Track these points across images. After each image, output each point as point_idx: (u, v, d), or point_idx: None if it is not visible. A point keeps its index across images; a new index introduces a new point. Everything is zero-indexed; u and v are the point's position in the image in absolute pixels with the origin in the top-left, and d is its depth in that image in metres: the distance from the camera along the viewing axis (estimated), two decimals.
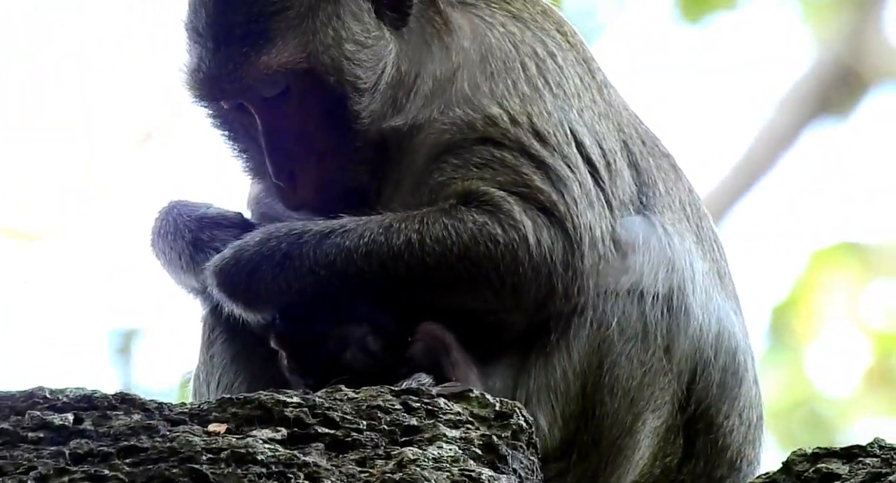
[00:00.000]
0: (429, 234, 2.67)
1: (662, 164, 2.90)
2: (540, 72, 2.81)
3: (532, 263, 2.69)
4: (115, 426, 2.48)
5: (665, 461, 2.82)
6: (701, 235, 2.89)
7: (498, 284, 2.68)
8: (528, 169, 2.74)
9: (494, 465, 2.51)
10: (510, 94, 2.77)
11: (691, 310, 2.79)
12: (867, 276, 7.52)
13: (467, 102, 2.78)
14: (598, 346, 2.76)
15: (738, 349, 2.85)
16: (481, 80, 2.78)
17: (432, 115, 2.77)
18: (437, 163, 2.76)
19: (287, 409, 2.50)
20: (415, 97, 2.79)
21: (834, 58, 7.52)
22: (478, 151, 2.74)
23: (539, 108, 2.77)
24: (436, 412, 2.53)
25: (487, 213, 2.70)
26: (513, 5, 2.88)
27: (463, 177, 2.74)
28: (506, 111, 2.76)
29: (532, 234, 2.69)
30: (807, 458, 2.54)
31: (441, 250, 2.66)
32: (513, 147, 2.75)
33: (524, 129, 2.76)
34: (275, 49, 2.75)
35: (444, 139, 2.77)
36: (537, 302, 2.71)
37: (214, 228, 2.77)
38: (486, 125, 2.76)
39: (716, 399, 2.83)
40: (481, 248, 2.67)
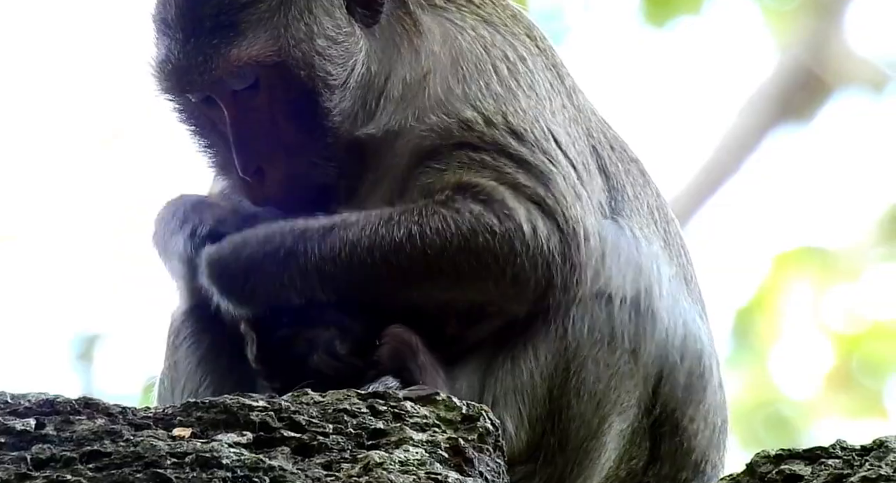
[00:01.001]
0: (428, 225, 2.67)
1: (631, 168, 2.90)
2: (511, 74, 2.81)
3: (530, 253, 2.68)
4: (78, 431, 2.46)
5: (630, 464, 2.82)
6: (668, 240, 2.89)
7: (498, 274, 2.67)
8: (510, 168, 2.74)
9: (461, 469, 2.51)
10: (483, 95, 2.77)
11: (658, 313, 2.79)
12: (829, 279, 7.58)
13: (441, 107, 2.77)
14: (564, 349, 2.76)
15: (704, 353, 2.86)
16: (454, 83, 2.78)
17: (408, 122, 2.77)
18: (419, 167, 2.75)
19: (253, 413, 2.49)
20: (386, 102, 2.78)
21: (796, 63, 7.57)
22: (457, 157, 2.74)
23: (513, 107, 2.77)
24: (402, 415, 2.52)
25: (482, 202, 2.70)
26: (483, 9, 2.88)
27: (452, 174, 2.73)
28: (480, 113, 2.75)
29: (527, 223, 2.70)
30: (770, 460, 2.55)
31: (441, 242, 2.65)
32: (490, 149, 2.75)
33: (500, 130, 2.75)
34: (245, 42, 2.73)
35: (425, 145, 2.76)
36: (537, 293, 2.70)
37: (208, 209, 2.75)
38: (461, 130, 2.75)
39: (681, 402, 2.83)
40: (479, 238, 2.67)
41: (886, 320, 7.56)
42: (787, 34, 7.66)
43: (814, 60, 7.55)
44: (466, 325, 2.72)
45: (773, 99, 7.51)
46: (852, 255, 7.64)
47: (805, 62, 7.56)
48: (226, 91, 2.79)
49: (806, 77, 7.55)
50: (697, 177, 7.42)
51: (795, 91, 7.54)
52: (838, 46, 7.62)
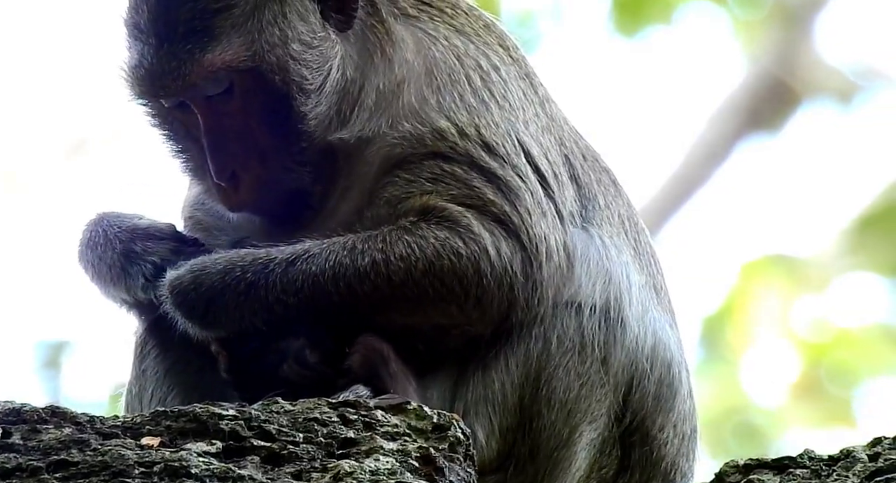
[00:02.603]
0: (392, 252, 2.66)
1: (602, 178, 2.91)
2: (485, 84, 2.81)
3: (494, 274, 2.69)
4: (45, 440, 2.44)
5: (601, 473, 2.82)
6: (638, 249, 2.90)
7: (462, 297, 2.68)
8: (479, 182, 2.74)
9: (432, 478, 2.50)
10: (457, 106, 2.77)
11: (627, 322, 2.79)
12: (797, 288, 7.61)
13: (415, 116, 2.76)
14: (535, 358, 2.76)
15: (673, 362, 2.86)
16: (428, 93, 2.78)
17: (381, 129, 2.76)
18: (389, 176, 2.75)
19: (223, 422, 2.47)
20: (359, 110, 2.77)
21: (765, 72, 7.61)
22: (428, 167, 2.74)
23: (487, 120, 2.77)
24: (373, 424, 2.51)
25: (447, 228, 2.70)
26: (456, 20, 2.87)
27: (418, 191, 2.73)
28: (454, 124, 2.75)
29: (492, 246, 2.70)
30: (739, 470, 2.55)
31: (406, 267, 2.66)
32: (462, 160, 2.75)
33: (473, 141, 2.76)
34: (219, 47, 2.72)
35: (396, 153, 2.76)
36: (500, 313, 2.71)
37: (147, 240, 2.73)
38: (435, 139, 2.75)
39: (651, 411, 2.84)
40: (444, 261, 2.67)
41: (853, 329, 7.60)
42: (755, 44, 7.70)
43: (783, 70, 7.60)
44: (431, 344, 2.72)
45: (742, 109, 7.54)
46: (820, 264, 7.68)
47: (774, 72, 7.60)
48: (199, 96, 2.77)
49: (775, 87, 7.59)
50: (667, 186, 7.44)
51: (764, 101, 7.57)
52: (807, 56, 7.66)
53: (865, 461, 2.50)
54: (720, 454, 6.90)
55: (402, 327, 2.69)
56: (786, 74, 7.60)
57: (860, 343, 7.56)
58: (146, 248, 2.72)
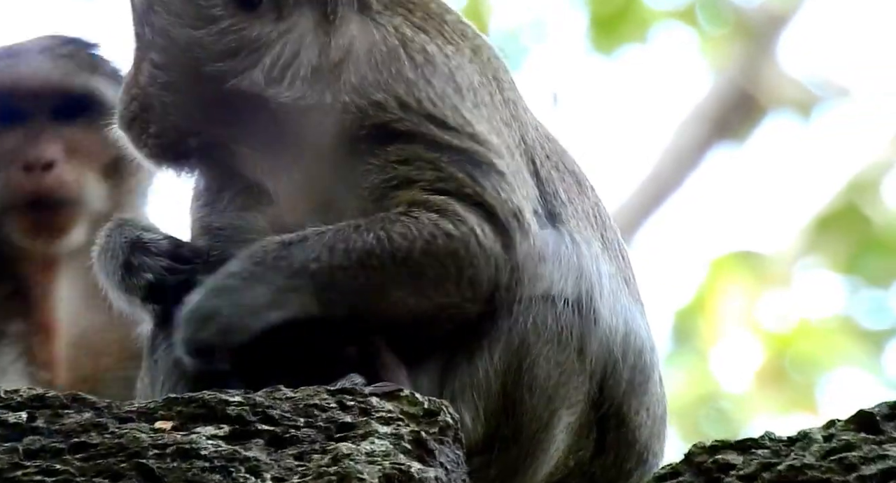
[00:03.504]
0: (393, 230, 2.64)
1: (566, 178, 2.88)
2: (428, 62, 2.74)
3: (483, 254, 2.67)
4: (66, 424, 2.44)
5: (579, 454, 2.83)
6: (606, 243, 2.88)
7: (457, 277, 2.66)
8: (445, 161, 2.70)
9: (423, 459, 2.51)
10: (395, 80, 2.69)
11: (600, 313, 2.79)
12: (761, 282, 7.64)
13: (355, 91, 2.70)
14: (517, 348, 2.75)
15: (645, 348, 2.85)
16: (366, 70, 2.71)
17: (324, 100, 2.69)
18: (355, 160, 2.70)
19: (229, 408, 2.48)
20: (293, 76, 2.69)
21: (731, 85, 7.62)
22: (394, 151, 2.68)
23: (428, 94, 2.71)
24: (369, 410, 2.52)
25: (436, 213, 2.68)
26: (415, 17, 2.79)
27: (396, 178, 2.68)
28: (392, 96, 2.69)
29: (478, 227, 2.68)
30: (706, 450, 2.57)
31: (407, 245, 2.63)
32: (418, 138, 2.69)
33: (417, 114, 2.70)
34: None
35: (345, 126, 2.69)
36: (488, 292, 2.69)
37: (144, 255, 2.71)
38: (377, 111, 2.69)
39: (626, 396, 2.83)
40: (440, 241, 2.65)
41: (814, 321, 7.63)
42: (722, 58, 7.72)
43: (748, 82, 7.62)
44: (429, 327, 2.70)
45: (710, 119, 7.56)
46: (782, 260, 7.71)
47: (739, 84, 7.62)
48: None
49: (740, 98, 7.61)
50: (640, 191, 7.46)
51: (731, 111, 7.59)
52: (770, 70, 7.68)
53: (821, 442, 2.52)
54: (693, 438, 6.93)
55: (405, 311, 2.65)
56: (750, 86, 7.62)
57: (820, 334, 7.59)
58: (142, 262, 2.70)
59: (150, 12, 2.73)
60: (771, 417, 7.30)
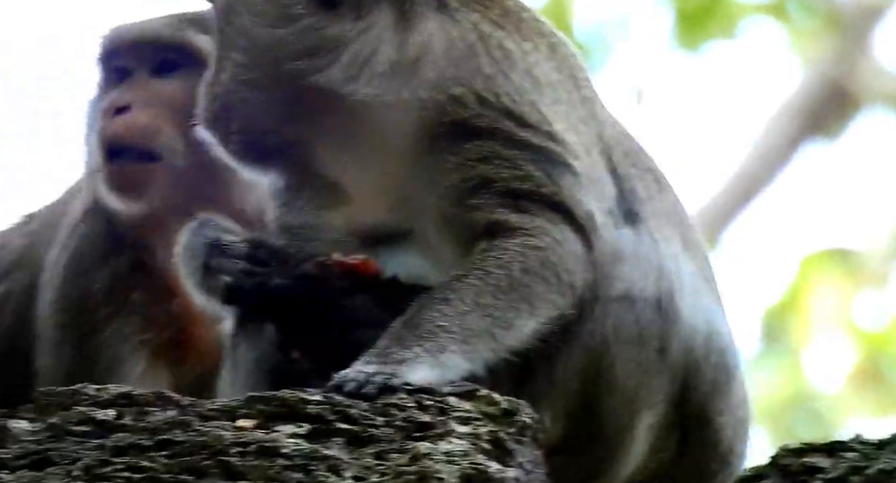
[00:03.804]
0: (487, 265, 2.64)
1: (644, 176, 2.85)
2: (507, 58, 2.73)
3: (569, 255, 2.68)
4: (152, 421, 2.49)
5: (660, 456, 2.81)
6: (686, 242, 2.85)
7: (558, 285, 2.67)
8: (522, 159, 2.70)
9: (501, 459, 2.50)
10: (473, 76, 2.69)
11: (681, 312, 2.76)
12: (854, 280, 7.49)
13: (433, 87, 2.70)
14: (596, 347, 2.74)
15: (727, 348, 2.82)
16: (444, 65, 2.70)
17: (402, 97, 2.70)
18: (433, 156, 2.70)
19: (309, 406, 2.50)
20: (370, 73, 2.70)
21: (823, 79, 7.48)
22: (474, 148, 2.67)
23: (506, 89, 2.70)
24: (447, 410, 2.52)
25: (517, 232, 2.68)
26: (493, 13, 2.78)
27: (476, 175, 2.66)
28: (471, 91, 2.69)
29: (558, 233, 2.68)
30: (793, 453, 2.53)
31: (505, 272, 2.64)
32: (497, 134, 2.69)
33: (495, 110, 2.70)
34: None
35: (426, 123, 2.69)
36: (579, 294, 2.70)
37: (221, 256, 2.73)
38: (454, 107, 2.69)
39: (709, 397, 2.81)
40: (531, 256, 2.65)
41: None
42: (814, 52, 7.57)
43: (841, 77, 7.46)
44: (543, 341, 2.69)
45: (802, 114, 7.43)
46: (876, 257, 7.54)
47: (832, 78, 7.47)
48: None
49: (834, 93, 7.46)
50: (730, 187, 7.36)
51: (823, 106, 7.45)
52: (865, 63, 7.52)
53: None
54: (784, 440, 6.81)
55: (527, 336, 2.65)
56: (843, 81, 7.47)
57: None
58: (220, 264, 2.72)
59: (232, 12, 2.76)
60: (865, 419, 7.15)
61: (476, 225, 2.70)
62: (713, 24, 7.37)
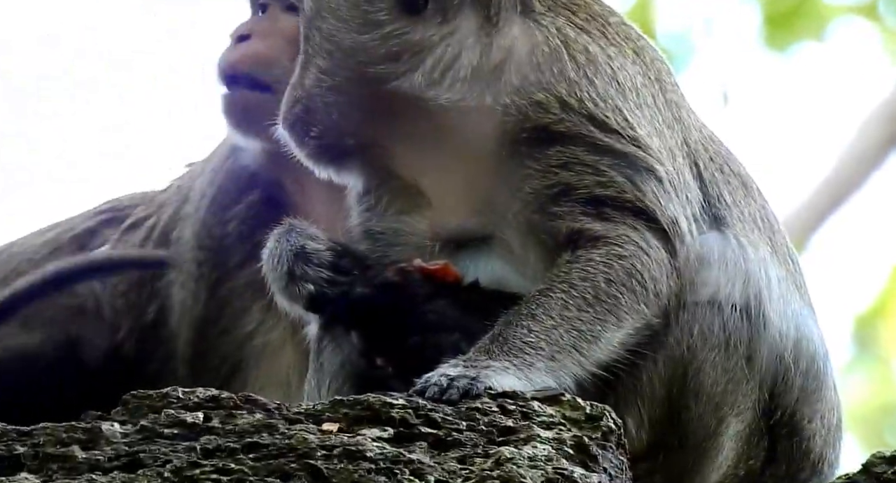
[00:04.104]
0: (572, 278, 2.64)
1: (731, 180, 2.81)
2: (590, 62, 2.71)
3: (653, 262, 2.66)
4: (239, 424, 2.52)
5: (749, 464, 2.76)
6: (775, 247, 2.81)
7: (644, 294, 2.65)
8: (606, 164, 2.68)
9: (586, 465, 2.49)
10: (556, 80, 2.68)
11: (769, 318, 2.72)
12: None
13: (516, 92, 2.69)
14: (682, 354, 2.71)
15: (818, 354, 2.77)
16: (527, 70, 2.70)
17: (484, 102, 2.70)
18: (514, 163, 2.69)
19: (393, 410, 2.51)
20: (453, 77, 2.70)
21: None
22: (554, 154, 2.66)
23: (590, 94, 2.69)
24: (530, 414, 2.52)
25: (602, 243, 2.67)
26: (578, 18, 2.78)
27: (559, 185, 2.65)
28: (553, 95, 2.68)
29: (641, 240, 2.67)
30: (885, 460, 2.48)
31: (590, 284, 2.63)
32: (579, 140, 2.68)
33: (578, 114, 2.68)
34: None
35: (507, 128, 2.69)
36: (666, 299, 2.68)
37: (306, 264, 2.75)
38: (537, 112, 2.69)
39: (798, 403, 2.76)
40: (616, 266, 2.64)
41: None
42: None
43: None
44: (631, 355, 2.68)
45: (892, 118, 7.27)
46: None
47: None
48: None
49: None
50: (819, 192, 7.23)
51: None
52: None
53: None
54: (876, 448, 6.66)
55: (614, 348, 2.63)
56: None
57: None
58: (304, 272, 2.74)
59: (317, 17, 2.79)
60: None
61: (559, 233, 2.69)
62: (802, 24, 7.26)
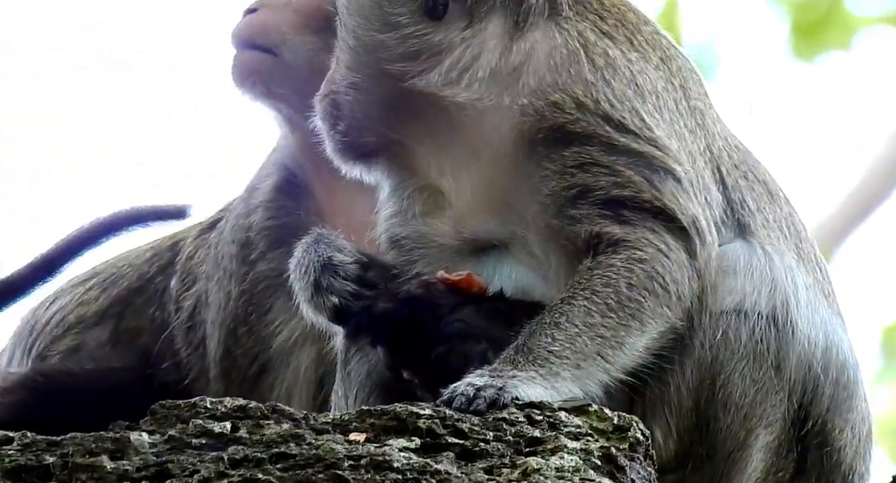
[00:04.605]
0: (593, 286, 2.63)
1: (756, 187, 2.79)
2: (609, 65, 2.71)
3: (674, 264, 2.65)
4: (267, 434, 2.52)
5: (778, 475, 2.74)
6: (801, 255, 2.78)
7: (666, 297, 2.64)
8: (622, 164, 2.67)
9: (613, 475, 2.48)
10: (573, 81, 2.68)
11: (797, 325, 2.70)
12: None
13: (533, 93, 2.69)
14: (710, 363, 2.69)
15: (847, 363, 2.74)
16: (545, 71, 2.69)
17: (502, 103, 2.70)
18: (532, 164, 2.68)
19: (420, 421, 2.51)
20: (471, 77, 2.71)
21: None
22: (571, 155, 2.65)
23: (606, 95, 2.69)
24: (557, 425, 2.51)
25: (621, 248, 2.66)
26: (606, 24, 2.77)
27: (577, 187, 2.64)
28: (569, 96, 2.68)
29: (661, 243, 2.65)
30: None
31: (612, 289, 2.62)
32: (595, 140, 2.67)
33: (593, 114, 2.67)
34: None
35: (524, 128, 2.68)
36: (689, 302, 2.66)
37: (332, 276, 2.76)
38: (553, 112, 2.68)
39: (828, 414, 2.73)
40: (636, 270, 2.63)
41: None
42: None
43: None
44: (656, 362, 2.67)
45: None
46: None
47: None
48: None
49: None
50: (847, 202, 7.18)
51: None
52: None
53: None
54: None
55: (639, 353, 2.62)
56: None
57: None
58: (330, 284, 2.75)
59: (346, 12, 2.81)
60: None
61: (578, 237, 2.68)
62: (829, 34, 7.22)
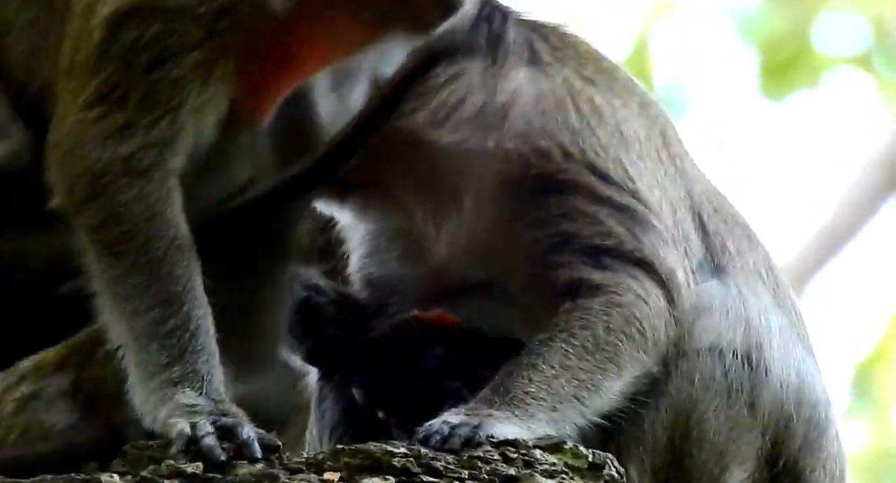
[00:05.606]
0: (571, 328, 2.64)
1: (736, 231, 2.82)
2: (595, 113, 2.72)
3: (652, 310, 2.66)
4: (240, 474, 2.49)
5: None
6: (777, 296, 2.80)
7: (643, 342, 2.65)
8: (605, 214, 2.69)
9: None
10: (559, 129, 2.69)
11: (771, 365, 2.71)
12: None
13: (519, 137, 2.69)
14: (684, 402, 2.69)
15: (819, 402, 2.75)
16: (532, 116, 2.70)
17: (486, 147, 2.70)
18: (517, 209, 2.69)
19: (395, 459, 2.49)
20: (456, 119, 2.72)
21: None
22: (555, 203, 2.67)
23: (591, 143, 2.70)
24: (532, 462, 2.50)
25: (601, 292, 2.67)
26: (586, 71, 2.78)
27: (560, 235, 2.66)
28: (556, 144, 2.69)
29: (640, 289, 2.67)
30: None
31: (590, 332, 2.63)
32: (580, 191, 2.69)
33: (579, 164, 2.69)
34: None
35: (509, 175, 2.69)
36: (665, 349, 2.67)
37: (308, 316, 2.73)
38: (539, 160, 2.69)
39: (801, 453, 2.74)
40: (614, 314, 2.64)
41: None
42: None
43: None
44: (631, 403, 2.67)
45: (887, 166, 7.30)
46: None
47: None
48: None
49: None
50: (816, 239, 7.24)
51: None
52: None
53: None
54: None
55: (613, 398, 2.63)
56: None
57: None
58: (306, 326, 2.75)
59: None
60: None
61: (559, 282, 2.69)
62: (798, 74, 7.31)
